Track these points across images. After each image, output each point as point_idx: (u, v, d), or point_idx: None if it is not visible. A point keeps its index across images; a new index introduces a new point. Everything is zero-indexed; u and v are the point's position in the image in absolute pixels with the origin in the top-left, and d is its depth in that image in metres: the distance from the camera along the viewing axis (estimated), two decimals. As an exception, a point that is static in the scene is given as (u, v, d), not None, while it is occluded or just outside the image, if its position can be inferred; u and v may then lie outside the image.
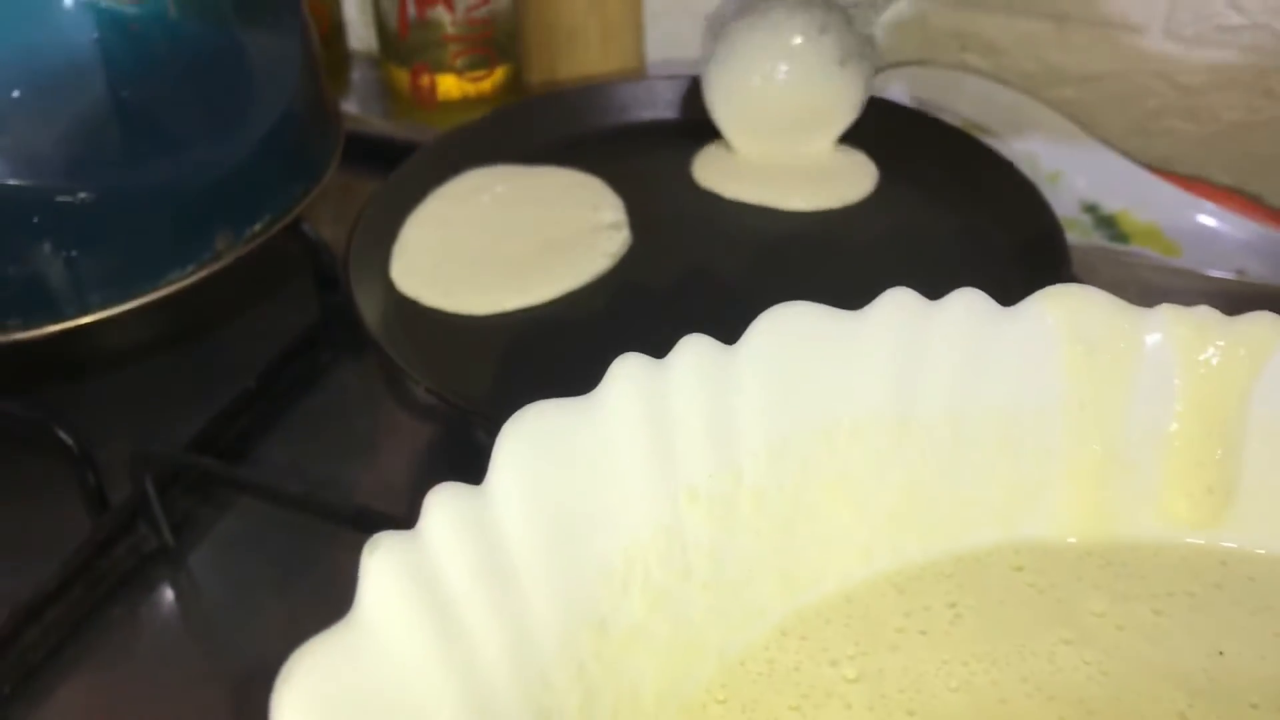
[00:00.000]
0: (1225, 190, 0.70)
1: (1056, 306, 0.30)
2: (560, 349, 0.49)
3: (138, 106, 0.47)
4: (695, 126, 0.61)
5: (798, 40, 0.58)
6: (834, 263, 0.53)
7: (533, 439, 0.25)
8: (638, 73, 0.72)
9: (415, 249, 0.53)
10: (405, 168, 0.57)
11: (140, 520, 0.46)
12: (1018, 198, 0.54)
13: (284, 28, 0.55)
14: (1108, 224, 0.68)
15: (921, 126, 0.61)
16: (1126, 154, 0.71)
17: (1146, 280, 0.59)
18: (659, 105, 0.62)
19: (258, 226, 0.52)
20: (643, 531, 0.27)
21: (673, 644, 0.28)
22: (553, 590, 0.25)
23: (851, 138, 0.60)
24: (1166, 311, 0.30)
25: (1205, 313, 0.30)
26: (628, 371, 0.27)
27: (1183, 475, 0.30)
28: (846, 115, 0.59)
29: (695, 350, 0.27)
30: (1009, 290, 0.49)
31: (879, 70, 0.68)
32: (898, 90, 0.72)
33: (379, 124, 0.73)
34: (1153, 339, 0.30)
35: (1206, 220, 0.68)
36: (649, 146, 0.61)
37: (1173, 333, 0.30)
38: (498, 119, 0.61)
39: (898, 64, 0.74)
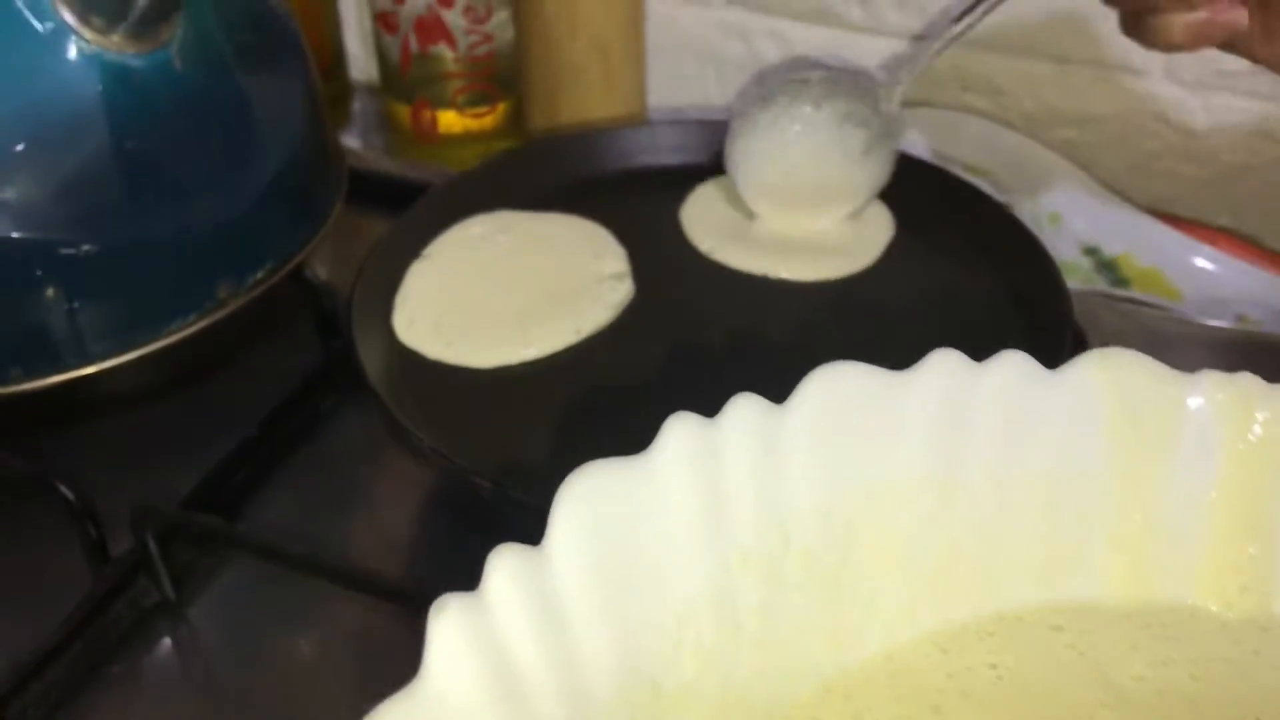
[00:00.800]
0: (1226, 234, 0.70)
1: (1101, 371, 0.30)
2: (563, 404, 0.48)
3: (141, 157, 0.47)
4: (698, 172, 0.61)
5: (824, 132, 0.58)
6: (840, 318, 0.53)
7: (590, 500, 0.25)
8: (640, 113, 0.72)
9: (418, 299, 0.53)
10: (408, 215, 0.56)
11: (141, 574, 0.46)
12: (1023, 253, 0.54)
13: (287, 72, 0.55)
14: (1109, 268, 0.68)
15: (928, 177, 0.60)
16: (1126, 195, 0.71)
17: (1150, 329, 0.59)
18: (662, 151, 0.62)
19: (261, 274, 0.51)
20: (696, 592, 0.27)
21: (722, 702, 0.28)
22: (609, 652, 0.25)
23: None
24: (1209, 378, 0.30)
25: (1248, 380, 0.30)
26: (681, 431, 0.27)
27: (1217, 572, 0.30)
28: (867, 196, 0.59)
29: (746, 410, 0.28)
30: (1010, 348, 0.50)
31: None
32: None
33: (381, 161, 0.73)
34: (1195, 405, 0.30)
35: (1208, 265, 0.67)
36: (652, 193, 0.60)
37: (1215, 400, 0.30)
38: (500, 164, 0.61)
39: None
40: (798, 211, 0.58)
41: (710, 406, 0.47)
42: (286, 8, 0.57)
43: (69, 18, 0.45)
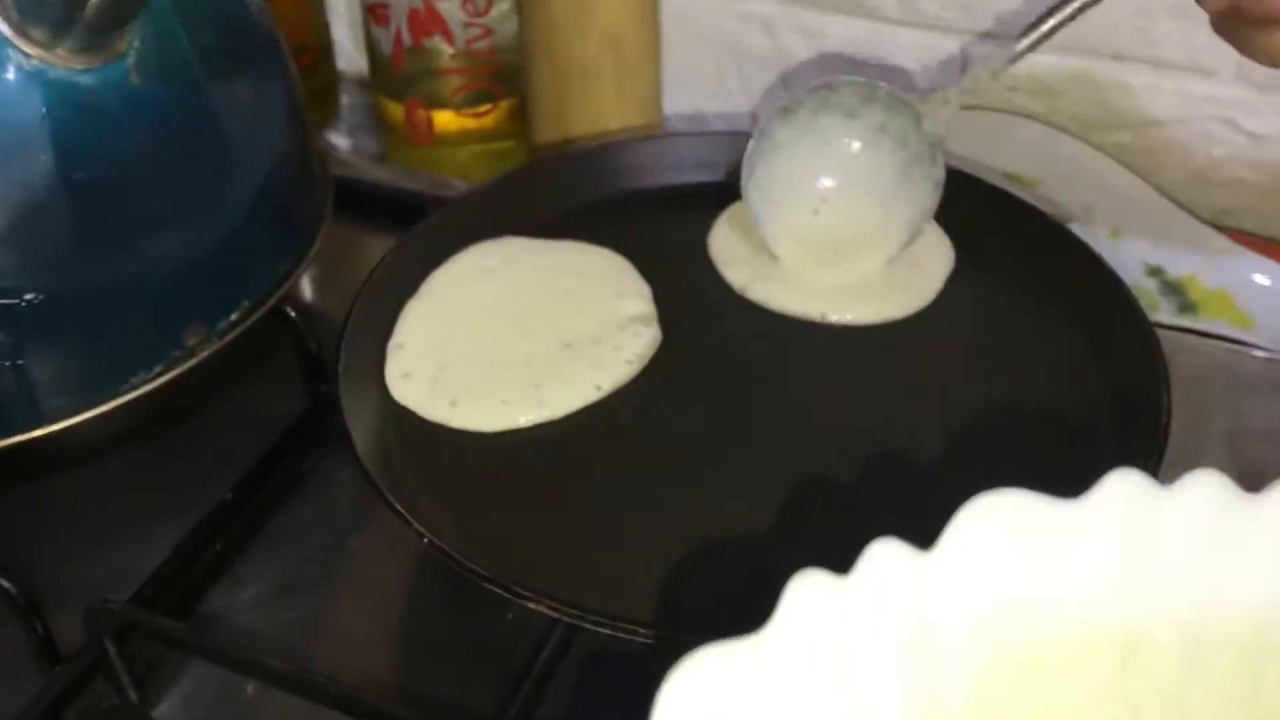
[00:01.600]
0: (1298, 250, 0.64)
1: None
2: (584, 478, 0.42)
3: (94, 189, 0.41)
4: (725, 192, 0.54)
5: (855, 150, 0.50)
6: (903, 371, 0.46)
7: (697, 706, 0.21)
8: (656, 119, 0.65)
9: (414, 349, 0.46)
10: (402, 246, 0.49)
11: (98, 674, 0.40)
12: (1102, 294, 0.47)
13: (264, 81, 0.49)
14: (1175, 290, 0.62)
15: (987, 198, 0.53)
16: (1187, 207, 0.65)
17: (1232, 369, 0.53)
18: (686, 167, 0.55)
19: (235, 315, 0.46)
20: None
21: None
22: None
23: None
24: None
25: None
26: (807, 601, 0.22)
27: None
28: (908, 236, 0.50)
29: (885, 563, 0.22)
30: (1094, 413, 0.43)
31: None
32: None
33: (372, 169, 0.67)
34: None
35: (1278, 286, 0.62)
36: (676, 217, 0.54)
37: None
38: (505, 186, 0.54)
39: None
40: (827, 257, 0.50)
41: (760, 486, 0.41)
42: (261, 4, 0.51)
43: (4, 29, 0.39)
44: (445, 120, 0.68)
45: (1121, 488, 0.23)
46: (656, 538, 0.39)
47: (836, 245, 0.50)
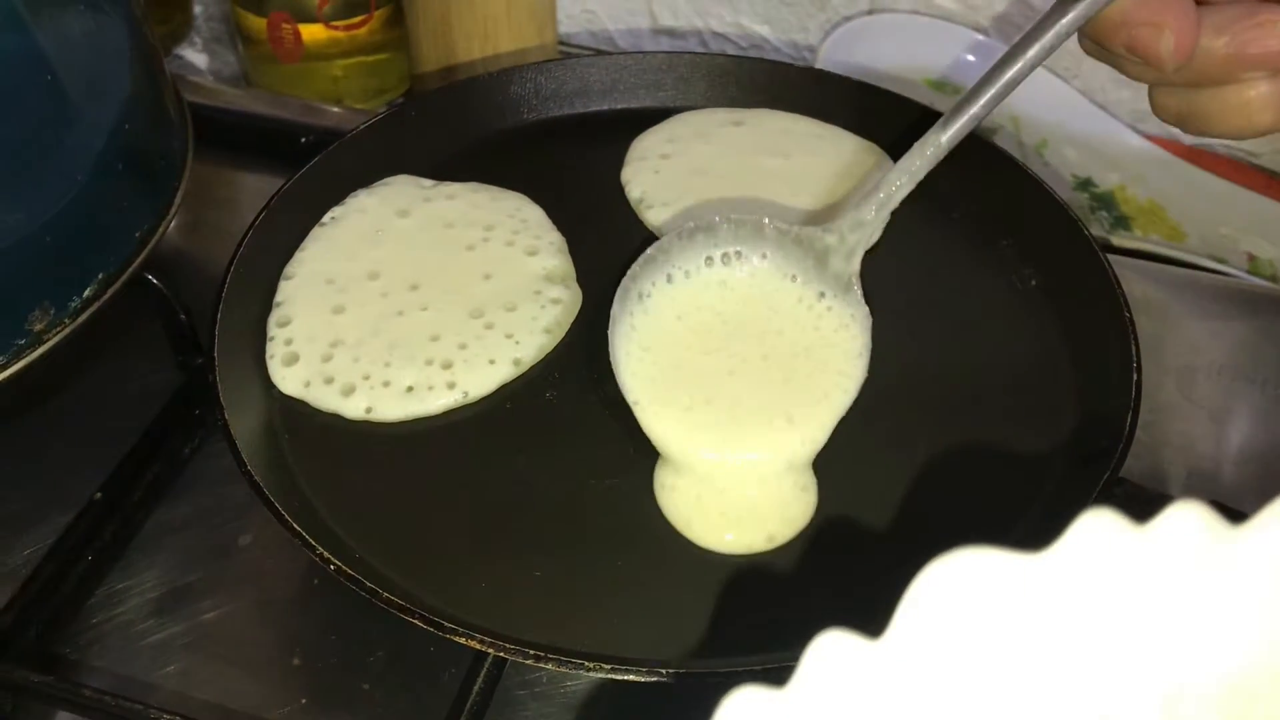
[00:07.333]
0: (1226, 158, 0.62)
1: None
2: (505, 468, 0.37)
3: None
4: (635, 120, 0.49)
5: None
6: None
7: None
8: (551, 35, 0.59)
9: (299, 326, 0.40)
10: (277, 204, 0.43)
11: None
12: (1059, 235, 0.44)
13: (102, 8, 0.42)
14: (1106, 204, 0.59)
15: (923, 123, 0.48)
16: (1110, 111, 0.62)
17: (1181, 290, 0.50)
18: (591, 94, 0.50)
19: (89, 291, 0.40)
20: None
21: None
22: None
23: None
24: None
25: None
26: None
27: None
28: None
29: (830, 660, 0.18)
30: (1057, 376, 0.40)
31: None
32: (851, 48, 0.61)
33: (233, 96, 0.60)
34: None
35: (1208, 195, 0.59)
36: (584, 150, 0.48)
37: None
38: (390, 123, 0.47)
39: (847, 19, 0.63)
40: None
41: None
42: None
43: None
44: (314, 34, 0.61)
45: (1093, 533, 0.20)
46: (601, 540, 0.35)
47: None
